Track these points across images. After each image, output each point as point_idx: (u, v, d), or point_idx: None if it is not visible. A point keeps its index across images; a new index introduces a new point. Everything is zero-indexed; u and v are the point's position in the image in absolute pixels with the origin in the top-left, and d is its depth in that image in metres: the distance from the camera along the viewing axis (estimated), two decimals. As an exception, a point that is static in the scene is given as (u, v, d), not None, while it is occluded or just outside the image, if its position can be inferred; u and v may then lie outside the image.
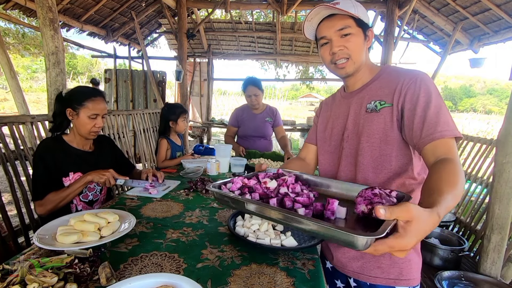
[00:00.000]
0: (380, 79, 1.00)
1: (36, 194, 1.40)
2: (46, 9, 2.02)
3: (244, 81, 2.73)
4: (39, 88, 19.61)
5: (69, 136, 1.55)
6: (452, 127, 0.83)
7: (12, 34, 10.44)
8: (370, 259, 1.00)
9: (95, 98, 1.50)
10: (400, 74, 0.95)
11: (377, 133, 0.95)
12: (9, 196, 3.59)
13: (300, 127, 6.68)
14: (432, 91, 0.88)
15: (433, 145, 0.82)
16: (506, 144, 1.54)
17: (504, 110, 1.59)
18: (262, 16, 10.08)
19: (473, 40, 4.96)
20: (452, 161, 0.76)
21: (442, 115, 0.84)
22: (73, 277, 0.82)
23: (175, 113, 2.41)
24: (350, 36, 0.96)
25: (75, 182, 1.42)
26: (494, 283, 1.59)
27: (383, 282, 0.97)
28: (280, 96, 23.24)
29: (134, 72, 6.73)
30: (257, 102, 2.71)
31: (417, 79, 0.90)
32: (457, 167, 0.74)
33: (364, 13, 0.98)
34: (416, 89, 0.89)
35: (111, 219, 1.12)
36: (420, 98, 0.87)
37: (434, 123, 0.83)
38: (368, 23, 0.99)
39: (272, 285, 0.85)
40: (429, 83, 0.89)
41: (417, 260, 1.00)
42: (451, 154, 0.78)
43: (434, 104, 0.85)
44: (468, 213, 2.27)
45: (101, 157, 1.65)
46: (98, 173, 1.42)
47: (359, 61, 0.99)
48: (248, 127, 2.80)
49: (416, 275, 0.98)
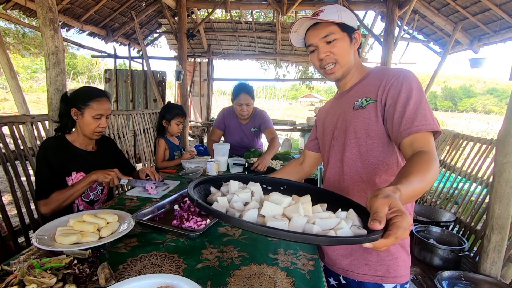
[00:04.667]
0: (368, 78, 1.03)
1: (40, 193, 1.40)
2: (46, 9, 2.01)
3: (235, 87, 2.50)
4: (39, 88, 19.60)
5: (72, 136, 1.56)
6: (430, 122, 0.85)
7: (12, 34, 10.44)
8: (358, 257, 1.02)
9: (100, 99, 1.51)
10: (385, 72, 0.98)
11: (363, 128, 0.98)
12: (9, 196, 3.59)
13: (300, 127, 6.68)
14: (414, 87, 0.90)
15: (411, 139, 0.85)
16: (506, 144, 1.54)
17: (504, 110, 1.58)
18: (262, 16, 10.07)
19: (473, 40, 4.96)
20: (427, 153, 0.79)
21: (421, 110, 0.86)
22: (72, 278, 0.81)
23: (170, 113, 2.38)
24: (335, 42, 0.99)
25: (80, 182, 1.42)
26: (494, 283, 1.59)
27: (370, 279, 0.99)
28: (280, 96, 23.25)
29: (134, 72, 6.72)
30: (248, 112, 2.50)
31: (400, 76, 0.93)
32: (430, 157, 0.77)
33: (349, 17, 1.00)
34: (398, 85, 0.92)
35: (110, 219, 1.11)
36: (401, 94, 0.90)
37: (412, 117, 0.86)
38: (354, 26, 1.01)
39: (272, 285, 0.85)
40: (411, 80, 0.91)
41: (404, 257, 1.00)
42: (427, 147, 0.81)
43: (414, 100, 0.88)
44: (468, 213, 2.27)
45: (103, 157, 1.66)
46: (103, 172, 1.42)
47: (347, 64, 1.03)
48: (234, 137, 2.64)
49: (403, 273, 0.99)
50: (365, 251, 1.00)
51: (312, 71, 9.05)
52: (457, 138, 2.77)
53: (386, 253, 0.97)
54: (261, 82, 16.89)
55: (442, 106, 40.27)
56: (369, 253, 0.99)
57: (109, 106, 1.56)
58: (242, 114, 2.52)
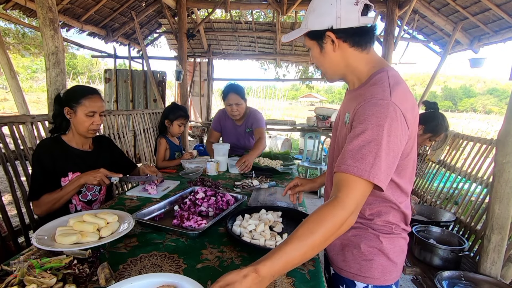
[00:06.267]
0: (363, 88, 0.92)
1: (31, 194, 1.40)
2: (46, 9, 2.01)
3: (224, 88, 2.49)
4: (39, 88, 19.59)
5: (68, 136, 1.55)
6: (364, 166, 0.76)
7: (12, 34, 10.43)
8: (338, 252, 1.03)
9: (92, 96, 1.51)
10: (366, 91, 0.88)
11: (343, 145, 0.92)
12: (9, 196, 3.59)
13: (300, 127, 6.67)
14: (374, 122, 0.78)
15: (338, 176, 0.81)
16: (506, 144, 1.54)
17: (504, 110, 1.58)
18: (262, 16, 10.07)
19: (473, 40, 4.96)
20: (332, 203, 0.76)
21: (364, 150, 0.78)
22: (72, 278, 0.82)
23: (174, 114, 2.40)
24: (311, 51, 0.98)
25: (68, 185, 1.39)
26: (494, 283, 1.59)
27: (344, 274, 1.01)
28: (280, 96, 23.24)
29: (134, 72, 6.72)
30: (238, 113, 2.48)
31: (367, 104, 0.82)
32: (330, 210, 0.75)
33: (315, 21, 0.90)
34: (362, 113, 0.82)
35: (110, 219, 1.12)
36: (358, 125, 0.82)
37: (350, 155, 0.79)
38: (322, 27, 0.90)
39: (272, 285, 0.85)
40: (377, 111, 0.79)
41: (382, 262, 0.95)
42: (341, 192, 0.77)
43: (365, 137, 0.79)
44: (468, 213, 2.27)
45: (100, 156, 1.65)
46: (90, 175, 1.39)
47: (329, 69, 0.98)
48: (231, 138, 2.65)
49: (378, 276, 0.95)
50: (343, 248, 1.01)
51: (312, 71, 9.04)
52: (457, 138, 2.77)
53: (359, 253, 0.97)
54: (261, 82, 16.92)
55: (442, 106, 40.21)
56: (347, 250, 1.00)
57: (102, 104, 1.56)
58: (233, 115, 2.51)
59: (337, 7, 0.86)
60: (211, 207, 1.35)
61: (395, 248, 0.96)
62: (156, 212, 1.31)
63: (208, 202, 1.37)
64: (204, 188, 1.52)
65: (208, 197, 1.42)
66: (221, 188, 1.74)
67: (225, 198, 1.44)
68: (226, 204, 1.40)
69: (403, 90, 0.86)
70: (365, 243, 0.96)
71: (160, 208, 1.34)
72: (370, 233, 0.96)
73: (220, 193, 1.47)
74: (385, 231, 0.96)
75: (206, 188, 1.53)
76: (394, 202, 0.94)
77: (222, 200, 1.42)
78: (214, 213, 1.34)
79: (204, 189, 1.51)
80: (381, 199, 0.94)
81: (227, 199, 1.43)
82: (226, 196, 1.45)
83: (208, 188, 1.54)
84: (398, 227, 0.97)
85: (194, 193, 1.49)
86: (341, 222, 0.74)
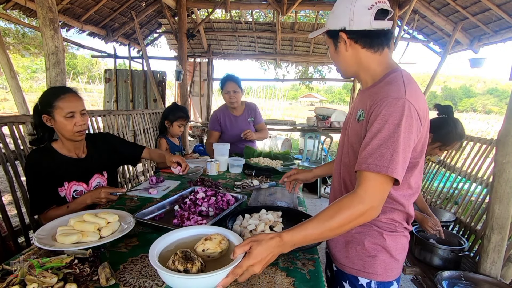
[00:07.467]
0: (377, 86, 0.94)
1: (34, 208, 1.38)
2: (46, 9, 2.01)
3: (222, 78, 2.60)
4: (39, 88, 19.58)
5: (57, 144, 1.48)
6: (383, 163, 0.81)
7: (12, 34, 10.43)
8: (341, 248, 1.05)
9: (65, 96, 1.39)
10: (380, 90, 0.90)
11: (357, 142, 0.96)
12: (9, 196, 3.59)
13: (300, 127, 6.67)
14: (390, 120, 0.82)
15: (359, 174, 0.86)
16: (506, 144, 1.54)
17: (504, 110, 1.58)
18: (262, 16, 10.07)
19: (473, 40, 4.96)
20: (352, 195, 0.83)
21: (382, 148, 0.82)
22: (72, 277, 0.82)
23: (174, 114, 2.40)
24: (328, 48, 1.05)
25: (76, 203, 1.38)
26: (494, 283, 1.59)
27: (347, 270, 1.04)
28: (280, 96, 23.23)
29: (134, 72, 6.72)
30: (236, 100, 2.55)
31: (384, 102, 0.85)
32: (349, 202, 0.82)
33: (333, 19, 0.96)
34: (378, 112, 0.86)
35: (110, 219, 1.12)
36: (375, 123, 0.85)
37: (370, 153, 0.84)
38: (337, 27, 0.95)
39: (272, 285, 0.85)
40: (392, 110, 0.83)
41: (385, 258, 0.99)
42: (361, 188, 0.83)
43: (383, 135, 0.83)
44: (468, 213, 2.27)
45: (95, 161, 1.59)
46: (94, 198, 1.37)
47: (342, 67, 1.04)
48: (232, 132, 2.65)
49: (381, 272, 0.99)
50: (347, 245, 1.04)
51: (312, 71, 9.04)
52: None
53: (362, 249, 1.00)
54: (261, 82, 16.90)
55: (442, 106, 40.06)
56: (350, 247, 1.03)
57: (79, 102, 1.43)
58: (231, 102, 2.57)
59: (351, 10, 0.91)
60: (211, 207, 1.35)
61: (397, 245, 1.00)
62: (156, 212, 1.31)
63: (208, 202, 1.37)
64: (204, 188, 1.52)
65: (208, 197, 1.42)
66: (221, 188, 1.74)
67: (225, 198, 1.44)
68: (226, 204, 1.40)
69: (415, 88, 0.90)
70: (369, 240, 0.99)
71: (160, 208, 1.34)
72: (374, 231, 0.99)
73: (220, 193, 1.47)
74: (388, 228, 0.99)
75: (206, 188, 1.53)
76: (401, 203, 0.97)
77: (222, 200, 1.42)
78: (214, 213, 1.34)
79: (204, 189, 1.51)
80: (389, 199, 0.96)
81: (227, 199, 1.43)
82: (226, 196, 1.46)
83: (208, 188, 1.54)
84: (401, 225, 1.01)
85: (194, 193, 1.49)
86: (358, 214, 0.81)
